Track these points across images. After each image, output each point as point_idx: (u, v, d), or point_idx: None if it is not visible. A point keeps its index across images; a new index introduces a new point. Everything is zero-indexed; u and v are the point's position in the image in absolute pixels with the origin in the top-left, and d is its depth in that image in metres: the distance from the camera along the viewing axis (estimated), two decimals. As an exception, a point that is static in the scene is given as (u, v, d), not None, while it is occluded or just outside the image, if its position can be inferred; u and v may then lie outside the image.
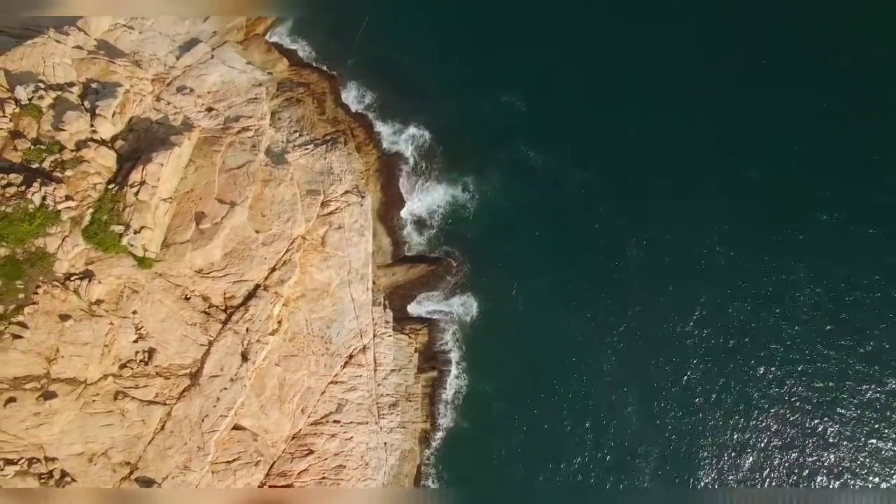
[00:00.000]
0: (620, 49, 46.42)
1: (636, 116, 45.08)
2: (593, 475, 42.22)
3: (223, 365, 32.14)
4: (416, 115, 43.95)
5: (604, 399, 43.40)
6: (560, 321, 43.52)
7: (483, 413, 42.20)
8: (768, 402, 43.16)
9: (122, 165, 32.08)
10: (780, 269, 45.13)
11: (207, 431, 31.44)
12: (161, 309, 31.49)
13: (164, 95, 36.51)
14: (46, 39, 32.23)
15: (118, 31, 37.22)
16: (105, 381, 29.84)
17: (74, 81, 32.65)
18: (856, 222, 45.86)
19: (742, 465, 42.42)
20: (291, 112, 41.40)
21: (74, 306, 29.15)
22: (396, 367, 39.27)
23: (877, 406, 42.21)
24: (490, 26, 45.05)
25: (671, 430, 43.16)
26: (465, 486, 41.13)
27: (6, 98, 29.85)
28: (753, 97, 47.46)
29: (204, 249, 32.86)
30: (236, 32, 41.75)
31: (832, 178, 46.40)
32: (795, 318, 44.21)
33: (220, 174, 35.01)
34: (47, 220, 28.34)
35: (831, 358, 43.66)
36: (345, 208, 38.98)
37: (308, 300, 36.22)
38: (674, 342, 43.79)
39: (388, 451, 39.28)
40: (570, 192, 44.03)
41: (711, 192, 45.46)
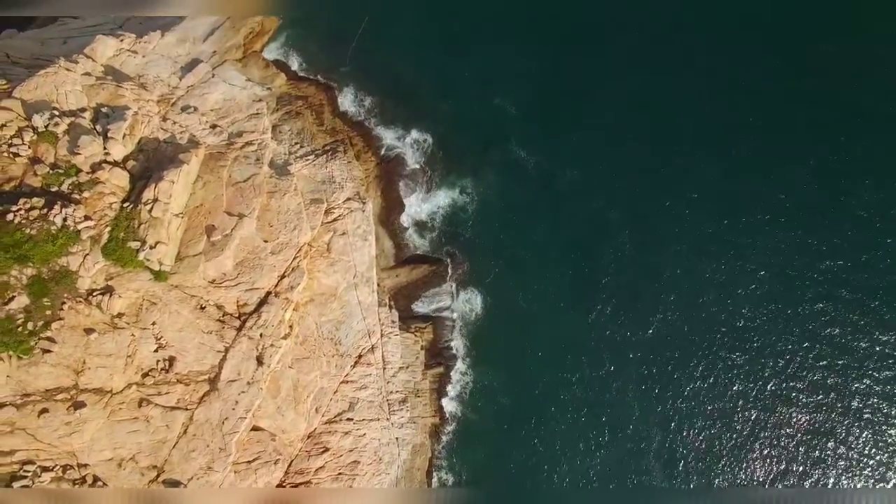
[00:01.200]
0: (602, 51, 48.01)
1: (620, 114, 46.72)
2: (598, 461, 43.84)
3: (240, 369, 33.79)
4: (411, 122, 45.52)
5: (606, 390, 45.01)
6: (560, 314, 45.10)
7: (490, 406, 43.82)
8: (768, 393, 44.83)
9: (135, 184, 33.71)
10: (777, 254, 46.79)
11: (228, 433, 33.07)
12: (178, 319, 33.13)
13: (169, 115, 38.15)
14: (58, 69, 33.85)
15: (123, 55, 38.86)
16: (129, 389, 31.47)
17: (86, 107, 34.29)
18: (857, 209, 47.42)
19: (744, 453, 44.15)
20: (291, 125, 43.04)
21: (98, 320, 30.79)
22: (404, 365, 40.90)
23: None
24: (477, 32, 46.58)
25: (671, 416, 44.81)
26: (476, 484, 42.77)
27: (24, 127, 31.47)
28: (735, 88, 49.09)
29: (216, 261, 34.49)
30: (235, 51, 43.36)
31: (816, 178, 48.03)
32: (798, 309, 45.78)
33: (227, 188, 36.62)
34: (69, 240, 29.96)
35: (839, 347, 45.08)
36: (347, 215, 40.61)
37: (317, 304, 37.86)
38: (669, 329, 45.44)
39: (400, 446, 40.88)
40: (562, 189, 45.63)
41: (698, 181, 47.13)
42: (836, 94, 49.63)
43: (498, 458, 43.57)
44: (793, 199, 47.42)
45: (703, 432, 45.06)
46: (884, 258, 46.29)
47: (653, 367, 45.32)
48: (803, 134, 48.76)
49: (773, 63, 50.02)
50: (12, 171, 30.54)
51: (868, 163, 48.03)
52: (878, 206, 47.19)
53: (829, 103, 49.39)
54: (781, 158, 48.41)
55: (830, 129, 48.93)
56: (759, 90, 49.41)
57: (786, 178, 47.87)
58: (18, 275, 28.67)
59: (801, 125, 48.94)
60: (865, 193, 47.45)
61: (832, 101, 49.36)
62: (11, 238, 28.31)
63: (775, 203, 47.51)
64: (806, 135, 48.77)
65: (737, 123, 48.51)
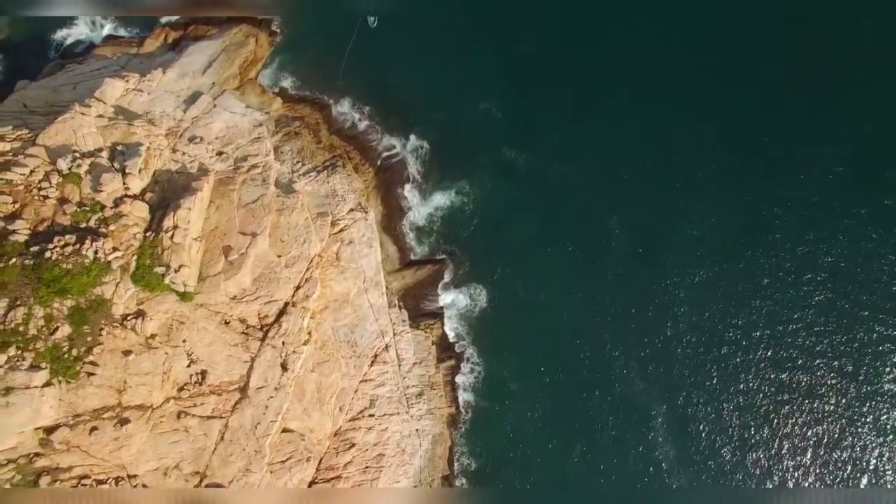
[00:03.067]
0: (578, 50, 50.64)
1: (600, 108, 49.45)
2: (608, 435, 46.51)
3: (266, 376, 36.43)
4: (404, 131, 48.13)
5: (609, 368, 47.78)
6: (560, 300, 47.83)
7: (502, 392, 46.52)
8: (766, 361, 47.54)
9: (155, 214, 36.31)
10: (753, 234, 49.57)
11: (261, 436, 35.70)
12: (206, 335, 35.76)
13: (178, 147, 40.77)
14: (74, 114, 36.44)
15: (130, 95, 41.48)
16: (168, 403, 34.09)
17: (102, 147, 36.89)
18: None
19: (748, 418, 46.90)
20: (292, 145, 45.68)
21: (134, 342, 33.40)
22: (418, 360, 43.55)
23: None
24: (459, 41, 49.14)
25: (675, 389, 47.39)
26: (494, 481, 45.31)
27: (50, 170, 34.08)
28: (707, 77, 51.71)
29: (235, 278, 37.10)
30: (232, 80, 45.97)
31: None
32: (787, 292, 48.47)
33: (238, 210, 39.23)
34: (101, 271, 32.53)
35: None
36: (352, 224, 43.25)
37: (332, 310, 40.51)
38: (663, 309, 48.17)
39: (421, 437, 43.53)
40: (552, 184, 48.35)
41: (683, 166, 49.81)
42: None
43: (513, 442, 46.30)
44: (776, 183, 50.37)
45: (707, 403, 47.78)
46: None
47: (652, 343, 48.12)
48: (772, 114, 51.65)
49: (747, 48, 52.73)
50: (44, 213, 33.15)
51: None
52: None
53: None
54: (760, 138, 51.27)
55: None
56: (734, 77, 52.15)
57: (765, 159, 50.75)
58: (60, 307, 31.26)
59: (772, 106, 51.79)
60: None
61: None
62: (51, 274, 30.88)
63: (760, 180, 50.39)
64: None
65: (710, 109, 51.22)
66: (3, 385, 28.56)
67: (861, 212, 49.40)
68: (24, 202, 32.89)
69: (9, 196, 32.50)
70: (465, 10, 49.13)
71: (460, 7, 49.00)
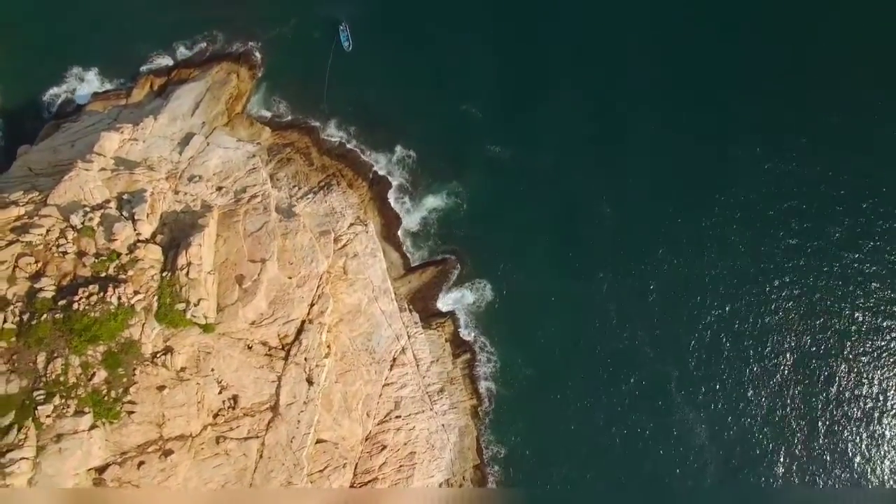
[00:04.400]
0: (546, 44, 52.57)
1: (574, 98, 51.58)
2: (625, 402, 48.54)
3: (294, 393, 38.32)
4: (389, 144, 50.03)
5: (617, 339, 49.94)
6: (561, 282, 49.93)
7: (518, 379, 48.56)
8: (767, 323, 49.82)
9: (168, 254, 38.15)
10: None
11: (297, 450, 37.59)
12: (232, 361, 37.64)
13: (180, 188, 42.66)
14: (78, 171, 38.28)
15: (126, 145, 43.35)
16: (206, 430, 35.97)
17: (109, 198, 38.76)
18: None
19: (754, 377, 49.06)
20: (286, 170, 47.57)
21: (166, 377, 35.28)
22: (434, 359, 45.47)
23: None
24: (430, 50, 50.98)
25: (685, 352, 49.54)
26: (524, 464, 47.25)
27: (65, 228, 35.94)
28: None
29: (252, 304, 38.98)
30: (221, 117, 47.83)
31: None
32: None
33: (245, 239, 41.11)
34: (127, 315, 34.38)
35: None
36: (354, 238, 45.14)
37: (346, 322, 42.41)
38: (661, 279, 50.23)
39: (448, 431, 45.45)
40: (539, 173, 50.37)
41: (662, 143, 51.78)
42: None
43: (535, 423, 48.30)
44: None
45: (715, 362, 49.85)
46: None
47: (655, 310, 50.15)
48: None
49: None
50: (65, 268, 35.01)
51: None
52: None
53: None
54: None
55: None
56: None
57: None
58: (93, 353, 33.13)
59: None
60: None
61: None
62: (81, 324, 32.73)
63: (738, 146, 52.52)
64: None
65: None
66: (54, 433, 30.45)
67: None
68: (45, 260, 34.77)
69: (31, 257, 34.38)
70: (432, 20, 51.00)
71: (427, 18, 50.85)
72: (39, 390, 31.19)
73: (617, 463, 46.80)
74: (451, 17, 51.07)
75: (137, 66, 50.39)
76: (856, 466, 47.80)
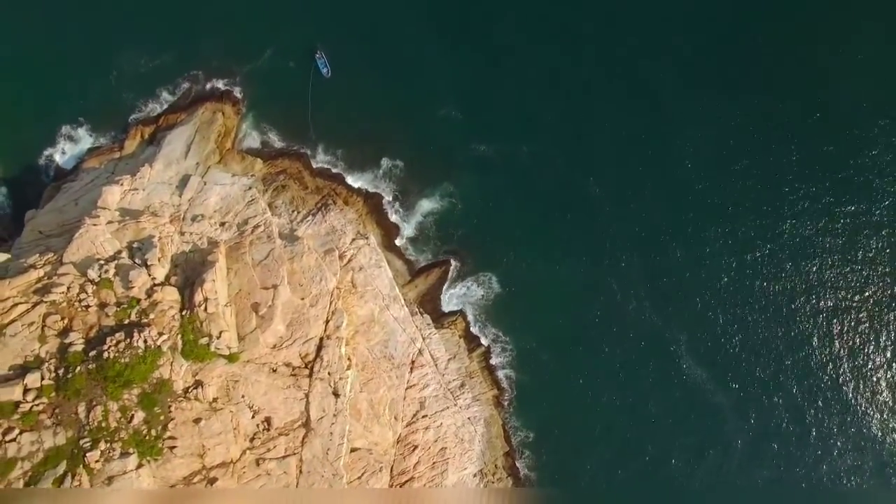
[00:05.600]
0: (507, 46, 54.27)
1: (542, 90, 53.30)
2: (639, 373, 50.58)
3: (323, 407, 40.00)
4: (378, 156, 51.51)
5: (624, 312, 51.80)
6: (562, 266, 51.85)
7: (535, 363, 50.44)
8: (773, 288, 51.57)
9: (184, 294, 39.84)
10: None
11: (334, 460, 39.28)
12: (260, 386, 39.31)
13: (185, 229, 44.31)
14: (87, 228, 39.89)
15: (128, 196, 44.98)
16: (245, 455, 37.66)
17: (120, 248, 40.38)
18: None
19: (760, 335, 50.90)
20: (283, 197, 49.24)
21: (200, 409, 36.94)
22: (451, 356, 47.18)
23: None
24: (403, 62, 52.56)
25: (692, 318, 51.64)
26: (551, 445, 49.00)
27: (83, 282, 37.58)
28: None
29: (270, 329, 40.64)
30: (213, 156, 49.45)
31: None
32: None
33: (254, 269, 42.78)
34: (155, 356, 36.04)
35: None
36: (357, 252, 46.81)
37: (362, 333, 44.12)
38: (657, 247, 52.10)
39: (474, 423, 47.19)
40: (526, 164, 52.14)
41: (635, 118, 53.60)
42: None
43: (557, 405, 50.08)
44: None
45: (723, 325, 51.71)
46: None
47: (655, 279, 51.85)
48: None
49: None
50: (90, 320, 36.69)
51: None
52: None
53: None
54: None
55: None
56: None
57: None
58: (129, 397, 34.79)
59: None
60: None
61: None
62: (113, 371, 34.40)
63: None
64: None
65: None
66: (104, 476, 32.15)
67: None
68: (70, 316, 36.45)
69: (56, 315, 36.06)
70: (400, 38, 52.61)
71: (395, 36, 52.55)
72: (85, 438, 32.88)
73: (639, 427, 48.74)
74: (416, 33, 52.69)
75: (125, 116, 51.64)
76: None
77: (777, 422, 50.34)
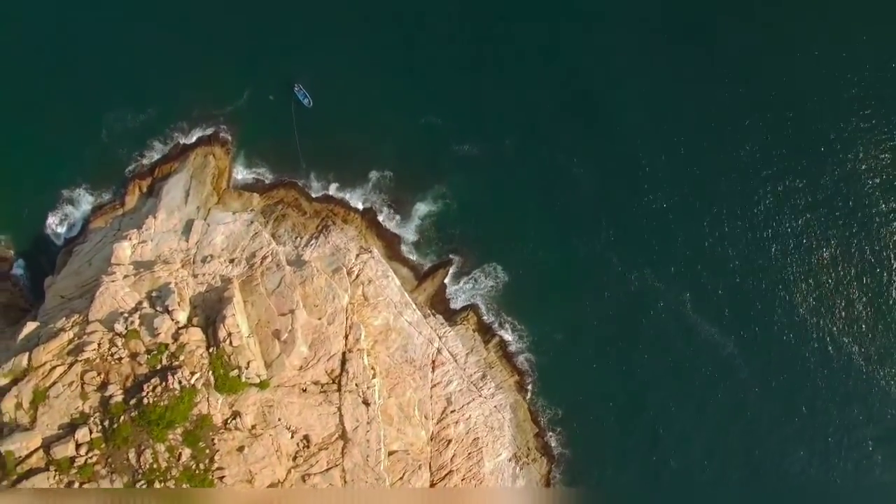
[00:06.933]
0: (477, 48, 56.38)
1: (518, 84, 55.22)
2: (650, 338, 52.52)
3: (356, 417, 41.96)
4: (368, 171, 53.34)
5: (628, 282, 53.72)
6: (561, 246, 54.01)
7: (551, 345, 52.20)
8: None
9: (208, 332, 41.79)
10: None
11: (375, 465, 41.26)
12: (294, 407, 41.27)
13: (197, 271, 46.21)
14: (106, 286, 41.84)
15: (138, 248, 46.84)
16: (291, 474, 39.65)
17: (140, 299, 42.33)
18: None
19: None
20: (284, 226, 51.12)
21: (242, 438, 38.90)
22: (469, 350, 49.12)
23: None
24: (379, 80, 54.53)
25: (694, 278, 53.67)
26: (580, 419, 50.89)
27: (112, 337, 39.56)
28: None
29: (294, 352, 42.57)
30: (211, 198, 51.31)
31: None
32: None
33: (269, 298, 44.69)
34: (191, 395, 37.96)
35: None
36: (364, 266, 48.70)
37: (381, 342, 46.06)
38: (648, 217, 54.24)
39: (501, 410, 49.09)
40: (510, 156, 54.24)
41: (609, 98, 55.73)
42: None
43: (577, 382, 51.99)
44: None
45: (724, 281, 53.72)
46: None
47: (652, 247, 53.79)
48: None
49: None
50: (124, 371, 38.64)
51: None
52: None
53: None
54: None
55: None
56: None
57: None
58: (174, 436, 36.77)
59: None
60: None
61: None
62: (155, 414, 36.33)
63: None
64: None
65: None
66: (165, 513, 34.08)
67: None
68: (106, 370, 38.42)
69: (93, 371, 38.03)
70: (369, 59, 54.60)
71: (364, 59, 54.59)
72: (140, 481, 34.87)
73: (659, 386, 50.83)
74: (387, 51, 54.68)
75: (121, 172, 52.98)
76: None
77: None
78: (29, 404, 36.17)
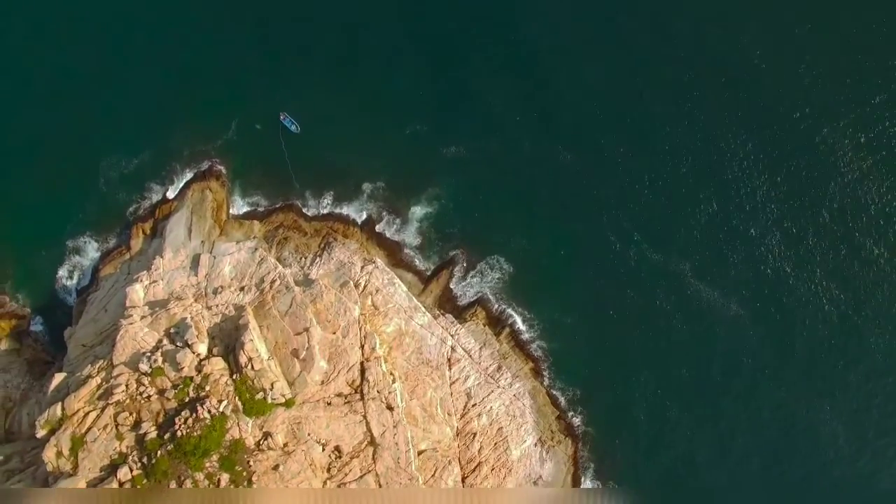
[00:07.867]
0: (449, 57, 57.81)
1: (497, 87, 56.71)
2: (657, 314, 53.80)
3: (382, 422, 43.31)
4: (361, 185, 54.79)
5: (627, 258, 55.01)
6: (560, 232, 55.25)
7: (562, 329, 53.46)
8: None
9: (229, 360, 43.19)
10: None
11: (406, 466, 42.60)
12: (321, 420, 42.63)
13: (210, 303, 47.59)
14: (125, 329, 43.21)
15: (150, 288, 48.27)
16: (327, 485, 40.99)
17: (160, 337, 43.73)
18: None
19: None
20: (288, 248, 52.50)
21: (275, 457, 40.27)
22: (481, 344, 50.45)
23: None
24: (361, 97, 55.97)
25: (692, 248, 55.06)
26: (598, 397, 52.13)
27: (138, 377, 40.96)
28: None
29: (314, 368, 43.95)
30: (213, 230, 52.69)
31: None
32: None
33: (283, 319, 46.05)
34: (222, 422, 39.36)
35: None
36: (370, 277, 50.05)
37: (396, 347, 47.43)
38: (636, 197, 55.65)
39: (520, 398, 50.41)
40: (498, 153, 55.64)
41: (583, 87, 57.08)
42: None
43: (591, 361, 53.23)
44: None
45: (715, 246, 54.89)
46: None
47: (646, 223, 55.12)
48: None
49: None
50: (155, 408, 40.06)
51: None
52: None
53: None
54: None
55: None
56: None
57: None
58: (211, 464, 38.16)
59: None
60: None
61: None
62: (190, 445, 37.74)
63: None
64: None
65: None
66: (212, 538, 35.43)
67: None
68: (137, 409, 39.85)
69: (125, 412, 39.46)
70: (348, 83, 56.16)
71: (344, 83, 56.16)
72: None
73: (668, 354, 52.13)
74: (361, 72, 56.27)
75: (122, 217, 54.55)
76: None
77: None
78: (69, 451, 37.60)
